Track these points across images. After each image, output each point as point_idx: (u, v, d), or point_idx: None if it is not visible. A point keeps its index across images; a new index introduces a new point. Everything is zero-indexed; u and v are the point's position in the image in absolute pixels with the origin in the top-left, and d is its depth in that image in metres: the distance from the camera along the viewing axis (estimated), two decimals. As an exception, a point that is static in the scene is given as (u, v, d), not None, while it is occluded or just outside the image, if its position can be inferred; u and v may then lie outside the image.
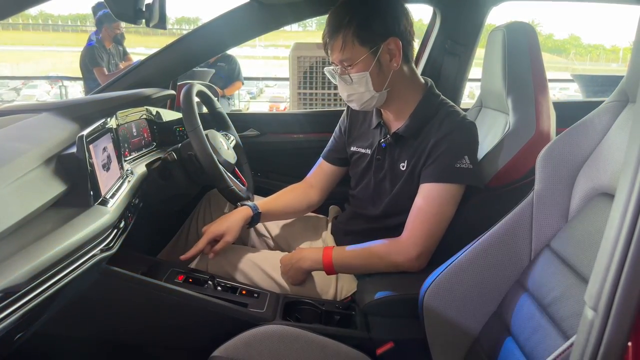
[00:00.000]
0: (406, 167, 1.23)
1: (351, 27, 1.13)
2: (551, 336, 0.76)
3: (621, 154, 0.80)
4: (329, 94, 3.69)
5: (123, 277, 1.03)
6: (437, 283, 0.99)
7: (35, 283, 0.69)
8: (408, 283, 1.11)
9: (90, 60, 3.46)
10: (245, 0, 1.57)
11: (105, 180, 0.96)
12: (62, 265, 0.75)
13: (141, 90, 1.48)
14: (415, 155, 1.20)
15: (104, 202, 0.93)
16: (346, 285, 1.28)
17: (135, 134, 1.34)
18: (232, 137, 1.60)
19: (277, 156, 1.91)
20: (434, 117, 1.20)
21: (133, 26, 1.66)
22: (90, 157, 0.88)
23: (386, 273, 1.18)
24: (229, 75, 3.69)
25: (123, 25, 3.65)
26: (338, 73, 1.20)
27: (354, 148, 1.37)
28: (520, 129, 1.24)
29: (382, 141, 1.27)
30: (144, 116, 1.42)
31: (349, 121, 1.40)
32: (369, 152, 1.32)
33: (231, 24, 1.63)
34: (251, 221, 1.31)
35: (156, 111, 1.50)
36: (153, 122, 1.47)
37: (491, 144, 1.29)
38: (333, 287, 1.28)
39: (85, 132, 0.88)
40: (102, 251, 0.89)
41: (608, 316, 0.46)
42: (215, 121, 1.63)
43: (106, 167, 0.99)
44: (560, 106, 1.44)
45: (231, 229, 1.24)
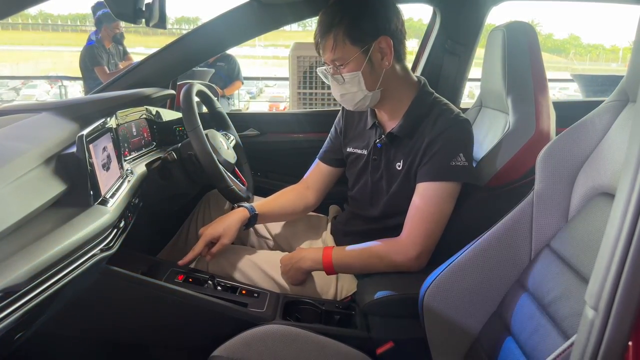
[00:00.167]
0: (402, 167, 1.22)
1: (342, 27, 1.13)
2: (551, 336, 0.76)
3: (621, 154, 0.79)
4: (329, 94, 3.69)
5: (123, 277, 1.03)
6: (437, 283, 0.99)
7: (35, 283, 0.69)
8: (408, 283, 1.11)
9: (90, 59, 3.46)
10: (245, 0, 1.57)
11: (105, 180, 0.96)
12: (62, 265, 0.75)
13: (141, 90, 1.48)
14: (410, 154, 1.20)
15: (104, 202, 0.92)
16: (346, 285, 1.28)
17: (135, 134, 1.34)
18: (232, 137, 1.60)
19: (277, 156, 1.91)
20: (428, 116, 1.20)
21: (133, 26, 1.66)
22: (90, 157, 0.88)
23: (386, 273, 1.18)
24: (229, 74, 3.69)
25: (123, 24, 3.64)
26: (330, 73, 1.19)
27: (350, 149, 1.37)
28: (520, 129, 1.24)
29: (378, 141, 1.27)
30: (144, 116, 1.42)
31: (345, 122, 1.40)
32: (365, 153, 1.32)
33: (231, 24, 1.63)
34: (248, 222, 1.31)
35: (156, 111, 1.50)
36: (153, 122, 1.47)
37: (491, 144, 1.29)
38: (333, 287, 1.28)
39: (85, 132, 0.88)
40: (102, 251, 0.89)
41: (608, 315, 0.46)
42: (215, 121, 1.63)
43: (106, 167, 0.99)
44: (560, 106, 1.43)
45: (228, 231, 1.24)
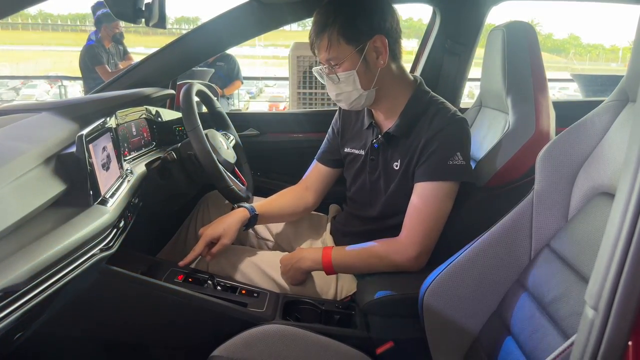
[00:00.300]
0: (400, 167, 1.22)
1: (336, 26, 1.12)
2: (551, 335, 0.76)
3: (621, 154, 0.79)
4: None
5: (123, 277, 1.03)
6: (437, 282, 0.99)
7: (34, 282, 0.69)
8: (408, 282, 1.11)
9: (90, 59, 3.45)
10: (245, 0, 1.57)
11: (104, 179, 0.96)
12: (62, 264, 0.75)
13: (141, 89, 1.48)
14: (407, 154, 1.20)
15: (104, 202, 0.92)
16: (346, 285, 1.28)
17: (134, 134, 1.33)
18: (232, 137, 1.60)
19: (277, 156, 1.91)
20: (424, 115, 1.20)
21: (132, 26, 1.66)
22: (89, 157, 0.88)
23: (386, 272, 1.17)
24: (228, 74, 3.69)
25: (122, 24, 3.64)
26: (325, 73, 1.19)
27: (348, 149, 1.37)
28: (519, 129, 1.24)
29: (374, 141, 1.27)
30: (144, 116, 1.41)
31: (342, 122, 1.40)
32: (363, 153, 1.31)
33: (231, 24, 1.63)
34: (248, 223, 1.30)
35: (156, 111, 1.50)
36: (153, 122, 1.47)
37: (491, 144, 1.29)
38: (333, 287, 1.28)
39: (84, 132, 0.88)
40: (102, 251, 0.89)
41: (608, 315, 0.46)
42: (214, 121, 1.63)
43: (106, 167, 0.99)
44: (559, 106, 1.44)
45: (228, 232, 1.24)
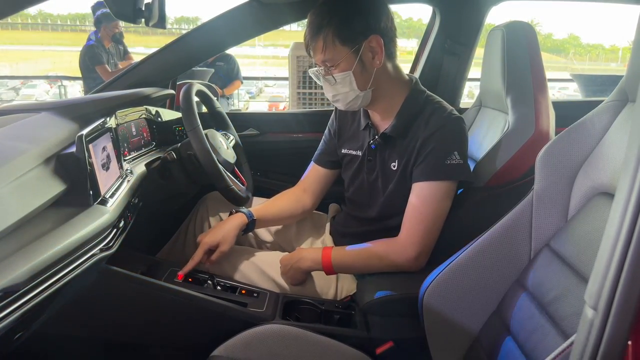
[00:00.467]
0: (397, 167, 1.22)
1: (331, 27, 1.12)
2: (551, 335, 0.76)
3: (621, 154, 0.80)
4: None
5: (123, 277, 1.03)
6: (437, 282, 0.99)
7: (34, 282, 0.69)
8: (408, 282, 1.11)
9: (91, 59, 3.45)
10: (244, 0, 1.57)
11: (104, 179, 0.96)
12: (62, 264, 0.75)
13: (140, 89, 1.48)
14: (405, 154, 1.20)
15: (104, 202, 0.92)
16: (346, 285, 1.28)
17: (134, 134, 1.33)
18: (232, 137, 1.60)
19: (277, 156, 1.91)
20: (421, 115, 1.20)
21: (132, 25, 1.66)
22: (89, 157, 0.88)
23: (386, 272, 1.17)
24: (228, 74, 3.69)
25: (122, 24, 3.64)
26: (322, 74, 1.19)
27: (345, 150, 1.36)
28: (519, 128, 1.24)
29: (371, 142, 1.27)
30: (144, 116, 1.42)
31: (338, 124, 1.39)
32: (360, 154, 1.31)
33: (231, 24, 1.62)
34: (246, 228, 1.30)
35: (155, 111, 1.50)
36: (152, 122, 1.47)
37: (490, 144, 1.29)
38: (333, 287, 1.28)
39: (84, 132, 0.88)
40: (102, 250, 0.89)
41: (608, 315, 0.46)
42: (214, 121, 1.63)
43: (105, 167, 0.99)
44: (559, 105, 1.44)
45: (226, 238, 1.23)
